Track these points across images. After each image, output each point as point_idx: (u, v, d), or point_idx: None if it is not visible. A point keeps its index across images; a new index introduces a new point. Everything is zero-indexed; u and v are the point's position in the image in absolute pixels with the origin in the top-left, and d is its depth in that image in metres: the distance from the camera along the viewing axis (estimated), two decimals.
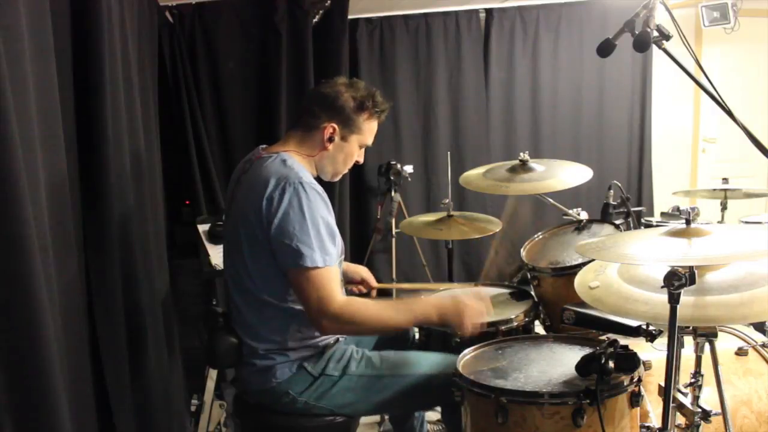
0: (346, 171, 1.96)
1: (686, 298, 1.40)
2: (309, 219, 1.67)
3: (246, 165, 1.88)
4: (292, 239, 1.66)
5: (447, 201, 2.83)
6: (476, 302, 1.78)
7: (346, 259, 2.09)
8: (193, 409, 2.72)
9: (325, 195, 1.77)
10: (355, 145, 1.90)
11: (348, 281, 2.21)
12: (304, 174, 1.76)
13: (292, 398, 1.78)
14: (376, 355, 1.87)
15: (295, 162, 1.80)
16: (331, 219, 1.76)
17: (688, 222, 1.46)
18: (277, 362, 1.78)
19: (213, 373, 2.51)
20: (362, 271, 2.25)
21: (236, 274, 1.80)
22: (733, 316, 1.42)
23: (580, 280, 1.65)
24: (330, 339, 1.85)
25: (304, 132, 1.88)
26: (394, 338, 2.17)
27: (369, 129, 1.90)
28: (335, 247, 1.75)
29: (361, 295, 2.23)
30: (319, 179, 1.88)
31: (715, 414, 1.51)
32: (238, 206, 1.80)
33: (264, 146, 1.92)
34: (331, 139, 1.85)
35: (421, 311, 1.78)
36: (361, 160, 1.97)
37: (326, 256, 1.68)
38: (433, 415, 2.72)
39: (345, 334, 1.82)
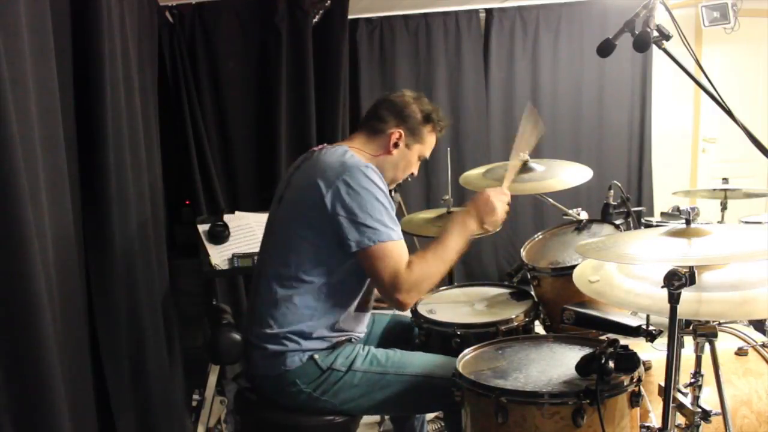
0: (401, 180, 2.03)
1: (688, 293, 1.40)
2: (380, 197, 1.75)
3: (309, 154, 1.94)
4: (365, 218, 1.71)
5: (447, 197, 2.82)
6: (490, 191, 1.91)
7: None
8: (194, 404, 2.72)
9: (384, 182, 1.84)
10: (415, 155, 1.98)
11: None
12: (365, 162, 1.81)
13: (297, 389, 1.79)
14: (381, 353, 1.88)
15: (353, 155, 1.86)
16: (390, 202, 1.83)
17: (688, 222, 1.46)
18: (288, 349, 1.79)
19: (215, 369, 2.51)
20: None
21: (281, 255, 1.83)
22: (736, 313, 1.42)
23: (579, 275, 1.65)
24: (343, 337, 1.86)
25: (370, 134, 1.95)
26: (399, 338, 2.17)
27: (430, 141, 2.00)
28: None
29: None
30: None
31: (715, 414, 1.51)
32: (296, 190, 1.86)
33: (325, 143, 1.97)
34: (396, 145, 1.93)
35: (458, 231, 1.85)
36: (416, 173, 2.05)
37: (396, 229, 1.76)
38: (433, 415, 2.72)
39: (425, 293, 1.88)
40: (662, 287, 1.32)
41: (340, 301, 1.83)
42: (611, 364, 1.44)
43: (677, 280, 1.30)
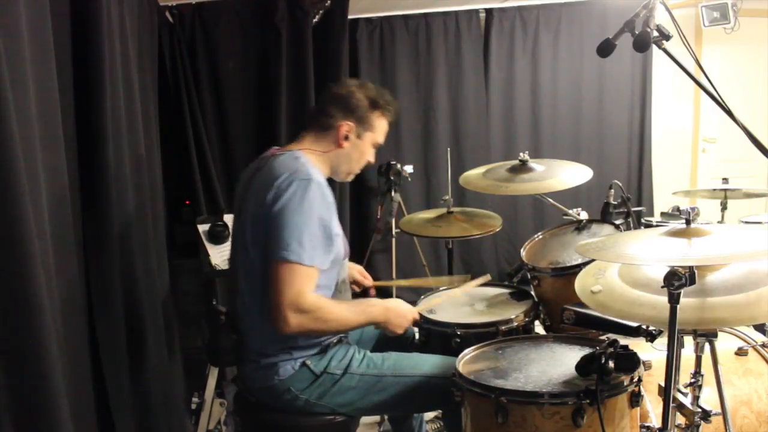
0: (359, 170, 1.99)
1: (691, 300, 1.40)
2: (306, 215, 1.68)
3: (260, 163, 1.89)
4: (283, 230, 1.67)
5: (447, 197, 2.82)
6: (405, 307, 1.90)
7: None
8: (193, 407, 2.72)
9: (331, 197, 1.78)
10: (368, 144, 1.93)
11: None
12: (314, 171, 1.77)
13: (293, 396, 1.78)
14: (378, 356, 1.87)
15: (307, 160, 1.82)
16: (333, 222, 1.76)
17: (688, 222, 1.46)
18: (280, 360, 1.78)
19: (214, 371, 2.51)
20: (355, 272, 2.23)
21: (248, 271, 1.80)
22: (741, 318, 1.41)
23: (580, 285, 1.64)
24: (333, 338, 1.85)
25: (319, 131, 1.90)
26: (395, 340, 2.16)
27: (381, 127, 1.94)
28: (329, 250, 1.75)
29: (358, 294, 2.22)
30: (330, 181, 1.88)
31: (715, 414, 1.51)
32: (249, 202, 1.81)
33: (277, 147, 1.93)
34: (346, 137, 1.88)
35: (372, 313, 1.83)
36: (373, 160, 2.00)
37: (314, 255, 1.68)
38: (432, 414, 2.72)
39: (306, 333, 1.76)
40: (662, 287, 1.32)
41: None
42: (611, 364, 1.44)
43: (677, 280, 1.30)
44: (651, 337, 1.66)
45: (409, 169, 4.25)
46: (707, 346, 1.53)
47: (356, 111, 1.88)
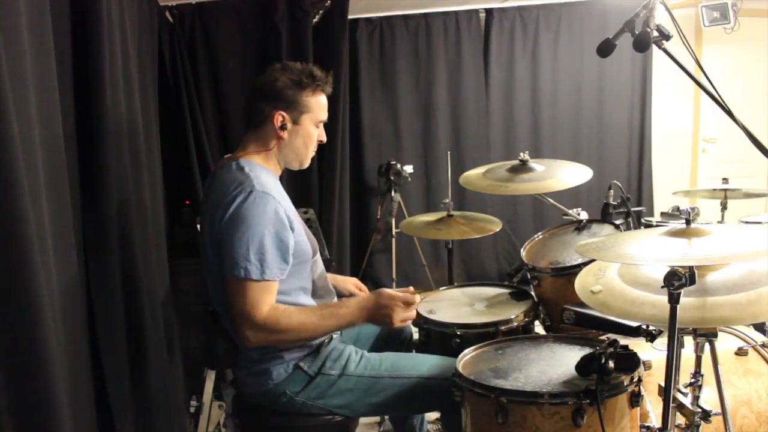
0: (312, 154, 1.91)
1: (693, 299, 1.40)
2: (251, 229, 1.65)
3: (212, 176, 1.86)
4: (230, 248, 1.65)
5: (447, 201, 2.82)
6: (397, 294, 1.76)
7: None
8: (192, 410, 2.72)
9: (281, 203, 1.72)
10: (309, 125, 1.84)
11: (338, 295, 2.13)
12: (259, 180, 1.72)
13: (289, 398, 1.78)
14: (375, 357, 1.87)
15: (254, 166, 1.78)
16: (284, 229, 1.70)
17: (688, 222, 1.46)
18: (272, 364, 1.77)
19: (212, 374, 2.51)
20: (350, 285, 2.18)
21: (213, 285, 1.80)
22: (743, 316, 1.41)
23: (580, 285, 1.64)
24: (324, 338, 1.84)
25: (256, 130, 1.84)
26: (393, 339, 2.16)
27: (318, 104, 1.84)
28: (286, 258, 1.71)
29: None
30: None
31: (715, 414, 1.51)
32: (206, 219, 1.79)
33: (228, 155, 1.89)
34: (283, 127, 1.80)
35: (346, 314, 1.75)
36: (324, 139, 1.91)
37: (265, 269, 1.65)
38: (433, 414, 2.72)
39: (271, 344, 1.74)
40: (662, 287, 1.32)
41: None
42: (611, 364, 1.44)
43: (677, 280, 1.30)
44: (651, 337, 1.66)
45: (409, 169, 4.25)
46: (707, 346, 1.53)
47: (283, 97, 1.78)
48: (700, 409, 1.50)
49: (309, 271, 1.84)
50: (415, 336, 2.24)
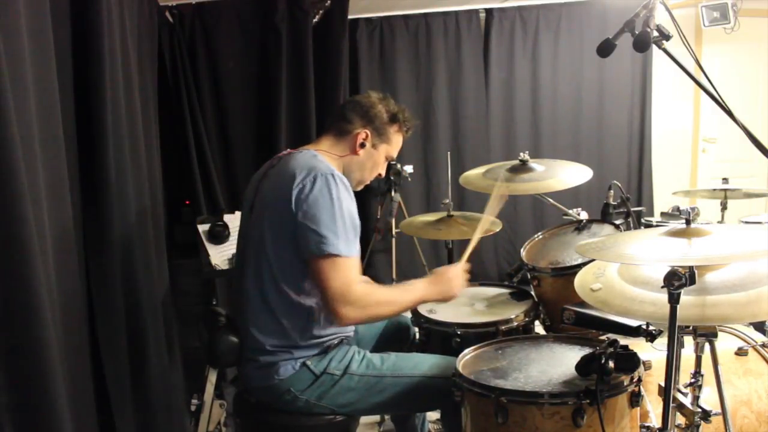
0: (369, 181, 2.02)
1: (692, 298, 1.40)
2: (338, 208, 1.71)
3: (274, 161, 1.92)
4: (319, 226, 1.69)
5: (447, 201, 2.82)
6: (452, 270, 1.89)
7: None
8: (192, 408, 2.72)
9: (351, 190, 1.82)
10: (382, 155, 1.97)
11: None
12: (334, 168, 1.80)
13: (293, 396, 1.79)
14: (377, 356, 1.87)
15: (324, 159, 1.85)
16: (356, 214, 1.80)
17: (688, 222, 1.46)
18: (280, 359, 1.78)
19: (213, 373, 2.50)
20: None
21: (255, 267, 1.81)
22: (742, 315, 1.42)
23: (580, 283, 1.64)
24: (335, 339, 1.85)
25: (337, 135, 1.93)
26: (395, 339, 2.17)
27: (396, 141, 1.99)
28: (357, 240, 1.78)
29: None
30: None
31: (715, 414, 1.51)
32: (265, 198, 1.83)
33: (292, 148, 1.95)
34: (363, 145, 1.92)
35: (419, 291, 1.86)
36: (384, 173, 2.04)
37: (350, 246, 1.72)
38: (434, 414, 2.72)
39: (362, 321, 1.84)
40: (662, 287, 1.32)
41: (320, 305, 1.79)
42: (611, 364, 1.44)
43: (677, 280, 1.30)
44: (651, 337, 1.66)
45: (409, 169, 4.25)
46: (707, 346, 1.53)
47: (375, 121, 1.92)
48: (700, 409, 1.50)
49: None
50: (416, 336, 2.25)
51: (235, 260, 2.00)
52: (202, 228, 2.82)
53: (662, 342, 1.56)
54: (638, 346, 1.70)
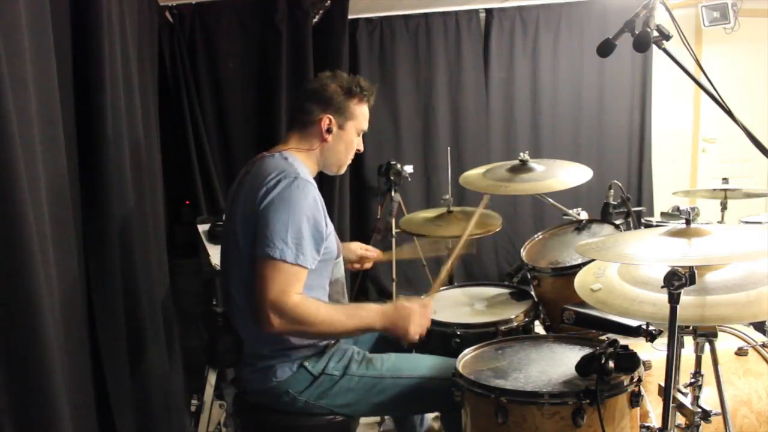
0: (349, 161, 1.98)
1: (692, 298, 1.40)
2: (293, 213, 1.68)
3: (249, 166, 1.90)
4: (270, 228, 1.66)
5: (447, 197, 2.82)
6: (420, 307, 1.80)
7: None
8: (193, 409, 2.72)
9: (319, 195, 1.78)
10: (352, 133, 1.92)
11: (346, 260, 2.15)
12: (302, 170, 1.78)
13: (292, 397, 1.78)
14: (377, 357, 1.87)
15: (296, 159, 1.83)
16: (321, 220, 1.75)
17: (688, 222, 1.46)
18: (277, 362, 1.78)
19: (213, 373, 2.51)
20: (355, 248, 2.23)
21: (239, 272, 1.79)
22: (742, 315, 1.41)
23: (580, 283, 1.64)
24: (332, 340, 1.84)
25: (302, 129, 1.90)
26: (394, 340, 2.16)
27: (362, 114, 1.93)
28: (318, 249, 1.73)
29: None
30: (330, 179, 1.88)
31: (715, 414, 1.51)
32: (240, 204, 1.81)
33: (266, 151, 1.93)
34: (329, 130, 1.88)
35: (367, 318, 1.77)
36: (362, 148, 1.99)
37: (300, 254, 1.67)
38: (434, 415, 2.72)
39: (290, 335, 1.74)
40: (662, 287, 1.32)
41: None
42: (611, 364, 1.44)
43: (677, 280, 1.30)
44: (651, 337, 1.66)
45: (409, 169, 4.24)
46: (707, 346, 1.53)
47: (333, 102, 1.87)
48: (700, 409, 1.50)
49: (329, 272, 1.86)
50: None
51: (221, 265, 1.98)
52: (202, 228, 2.82)
53: (662, 342, 1.56)
54: (638, 346, 1.70)
